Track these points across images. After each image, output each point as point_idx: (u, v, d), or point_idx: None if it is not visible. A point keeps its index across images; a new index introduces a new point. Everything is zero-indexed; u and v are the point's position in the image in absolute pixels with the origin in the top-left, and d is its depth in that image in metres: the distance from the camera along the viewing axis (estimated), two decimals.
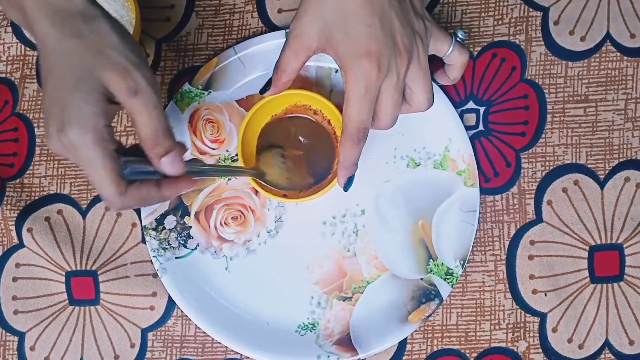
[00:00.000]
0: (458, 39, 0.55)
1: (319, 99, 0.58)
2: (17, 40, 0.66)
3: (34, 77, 0.65)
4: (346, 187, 0.56)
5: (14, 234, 0.63)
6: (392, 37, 0.50)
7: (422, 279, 0.61)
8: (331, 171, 0.60)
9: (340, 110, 0.53)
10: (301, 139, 0.60)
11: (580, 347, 0.60)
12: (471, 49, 0.63)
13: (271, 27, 0.64)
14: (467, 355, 0.61)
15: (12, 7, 0.48)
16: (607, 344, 0.60)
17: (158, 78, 0.65)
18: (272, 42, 0.63)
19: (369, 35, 0.49)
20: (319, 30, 0.51)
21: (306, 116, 0.61)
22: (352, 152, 0.53)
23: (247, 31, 0.64)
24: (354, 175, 0.55)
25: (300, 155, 0.60)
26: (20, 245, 0.63)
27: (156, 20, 0.65)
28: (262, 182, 0.58)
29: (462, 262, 0.60)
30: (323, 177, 0.60)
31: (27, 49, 0.66)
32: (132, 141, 0.64)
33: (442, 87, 0.62)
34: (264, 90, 0.56)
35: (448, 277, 0.60)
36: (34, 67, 0.66)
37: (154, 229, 0.62)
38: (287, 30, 0.62)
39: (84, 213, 0.64)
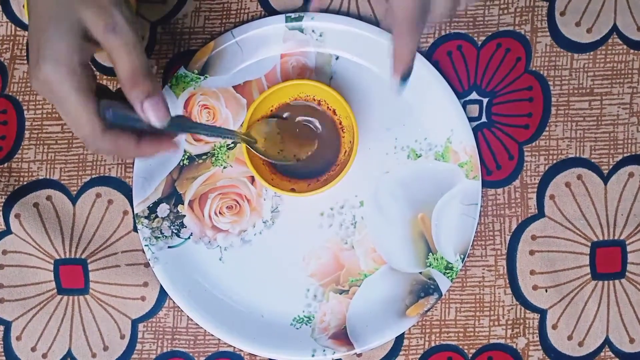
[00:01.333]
0: None
1: (322, 87, 0.57)
2: (8, 20, 0.64)
3: (24, 58, 0.63)
4: (402, 86, 0.46)
5: (1, 220, 0.61)
6: None
7: (421, 272, 0.59)
8: (337, 162, 0.58)
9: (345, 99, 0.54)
10: (303, 120, 0.59)
11: (580, 344, 0.59)
12: (475, 39, 0.61)
13: (270, 11, 0.63)
14: (466, 351, 0.60)
15: None
16: (607, 342, 0.59)
17: (153, 62, 0.63)
18: (271, 27, 0.61)
19: None
20: None
21: (311, 104, 0.59)
22: (409, 35, 0.44)
23: (246, 15, 0.63)
24: (410, 74, 0.46)
25: (297, 127, 0.59)
26: (8, 231, 0.61)
27: (151, 2, 0.63)
28: (255, 154, 0.57)
29: (462, 256, 0.59)
30: (328, 168, 0.59)
31: (18, 28, 0.64)
32: None
33: (445, 76, 0.60)
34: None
35: (447, 271, 0.59)
36: (25, 47, 0.63)
37: (146, 217, 0.60)
38: (287, 14, 0.61)
39: (74, 199, 0.62)
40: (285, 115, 0.60)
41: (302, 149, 0.59)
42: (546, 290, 0.59)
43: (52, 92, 0.45)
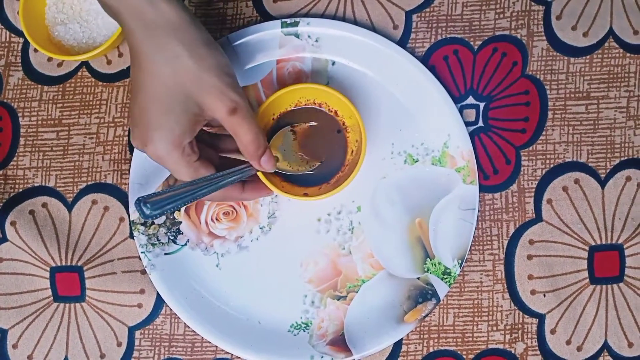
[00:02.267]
0: None
1: (323, 89, 0.57)
2: (2, 27, 0.64)
3: (19, 64, 0.63)
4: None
5: None
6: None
7: (418, 278, 0.59)
8: (346, 163, 0.58)
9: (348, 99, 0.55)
10: (312, 123, 0.59)
11: (579, 349, 0.59)
12: (472, 43, 0.61)
13: (266, 17, 0.62)
14: (464, 356, 0.59)
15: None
16: (606, 346, 0.59)
17: None
18: (267, 32, 0.61)
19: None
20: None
21: (313, 107, 0.59)
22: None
23: (242, 20, 0.63)
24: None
25: (310, 128, 0.59)
26: (4, 239, 0.61)
27: None
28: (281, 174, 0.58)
29: (459, 261, 0.58)
30: (337, 169, 0.58)
31: (12, 35, 0.63)
32: (120, 132, 0.62)
33: (441, 81, 0.60)
34: None
35: (445, 276, 0.59)
36: (19, 54, 0.63)
37: (142, 224, 0.60)
38: (283, 20, 0.61)
39: (69, 207, 0.61)
40: (292, 122, 0.59)
41: (318, 154, 0.59)
42: (544, 295, 0.59)
43: (163, 164, 0.50)
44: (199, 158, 0.51)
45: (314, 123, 0.59)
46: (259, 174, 0.55)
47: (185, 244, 0.60)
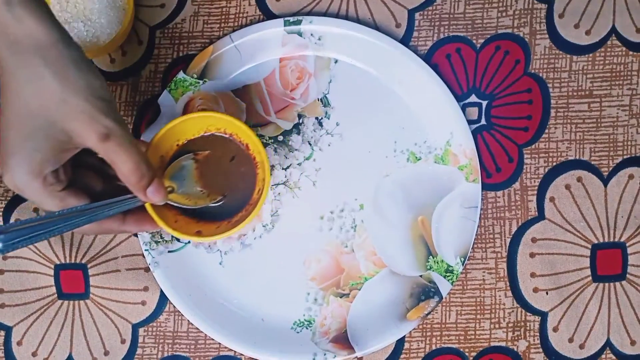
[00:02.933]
0: None
1: (231, 121, 0.53)
2: None
3: None
4: None
5: (1, 225, 0.61)
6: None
7: (421, 276, 0.59)
8: (251, 202, 0.54)
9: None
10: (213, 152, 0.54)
11: (581, 347, 0.59)
12: (474, 41, 0.61)
13: (269, 15, 0.63)
14: (467, 354, 0.59)
15: None
16: (608, 344, 0.59)
17: (151, 66, 0.63)
18: (270, 31, 0.61)
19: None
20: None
21: (223, 135, 0.55)
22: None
23: (244, 19, 0.63)
24: None
25: (215, 158, 0.54)
26: None
27: (150, 6, 0.63)
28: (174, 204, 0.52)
29: (462, 259, 0.59)
30: (241, 207, 0.54)
31: None
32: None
33: (444, 79, 0.60)
34: None
35: (448, 274, 0.59)
36: None
37: None
38: (286, 18, 0.61)
39: None
40: (197, 150, 0.54)
41: (220, 187, 0.54)
42: (547, 293, 0.59)
43: (18, 191, 0.46)
44: (68, 187, 0.47)
45: (218, 153, 0.54)
46: (147, 206, 0.50)
47: (189, 242, 0.61)
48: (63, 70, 0.43)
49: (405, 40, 0.62)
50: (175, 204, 0.52)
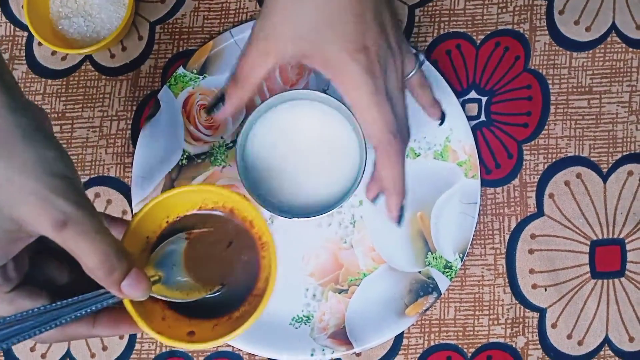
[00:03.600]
0: (421, 63, 0.50)
1: (235, 197, 0.44)
2: (7, 20, 0.64)
3: (23, 58, 0.63)
4: (400, 220, 0.49)
5: None
6: (385, 35, 0.44)
7: (420, 272, 0.59)
8: (255, 292, 0.45)
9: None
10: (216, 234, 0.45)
11: (580, 343, 0.59)
12: (474, 37, 0.61)
13: None
14: (465, 350, 0.59)
15: None
16: (607, 341, 0.59)
17: (151, 61, 0.63)
18: None
19: (362, 30, 0.43)
20: (294, 32, 0.43)
21: (222, 213, 0.46)
22: (395, 167, 0.46)
23: (244, 14, 0.63)
24: (404, 204, 0.48)
25: (210, 237, 0.45)
26: None
27: (151, 1, 0.63)
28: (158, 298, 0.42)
29: (461, 255, 0.58)
30: (242, 299, 0.45)
31: (17, 29, 0.64)
32: (123, 126, 0.62)
33: (444, 75, 0.60)
34: (211, 109, 0.48)
35: (447, 270, 0.59)
36: (24, 47, 0.64)
37: None
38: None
39: None
40: (190, 229, 0.45)
41: (217, 275, 0.45)
42: (545, 289, 0.59)
43: None
44: (22, 285, 0.39)
45: (216, 233, 0.45)
46: (125, 302, 0.41)
47: None
48: (6, 143, 0.35)
49: (405, 36, 0.61)
50: (162, 298, 0.42)
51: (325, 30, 0.43)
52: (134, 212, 0.60)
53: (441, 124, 0.55)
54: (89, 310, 0.39)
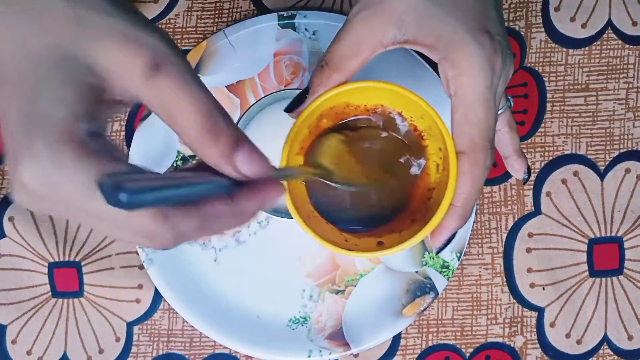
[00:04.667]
0: (509, 105, 0.44)
1: (397, 90, 0.39)
2: None
3: None
4: (440, 249, 0.42)
5: None
6: (504, 29, 0.39)
7: (417, 272, 0.59)
8: (431, 186, 0.42)
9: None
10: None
11: (579, 342, 0.59)
12: None
13: (263, 10, 0.62)
14: (463, 350, 0.59)
15: None
16: (605, 339, 0.59)
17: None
18: (264, 25, 0.60)
19: (484, 11, 0.36)
20: (403, 11, 0.36)
21: (370, 124, 0.42)
22: (475, 184, 0.38)
23: (238, 14, 0.62)
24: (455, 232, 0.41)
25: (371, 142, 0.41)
26: (2, 235, 0.61)
27: (143, 1, 0.63)
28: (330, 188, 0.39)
29: (458, 254, 0.58)
30: (405, 201, 0.43)
31: None
32: (117, 127, 0.62)
33: (435, 71, 0.60)
34: (293, 107, 0.41)
35: (444, 270, 0.58)
36: None
37: None
38: (280, 13, 0.60)
39: None
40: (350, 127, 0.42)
41: (381, 173, 0.42)
42: (543, 288, 0.59)
43: (60, 199, 0.27)
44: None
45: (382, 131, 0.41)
46: (288, 201, 0.36)
47: None
48: None
49: None
50: (321, 179, 0.37)
51: (438, 9, 0.36)
52: None
53: (526, 180, 0.48)
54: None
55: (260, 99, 0.53)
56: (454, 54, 0.37)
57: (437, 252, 0.41)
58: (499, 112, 0.42)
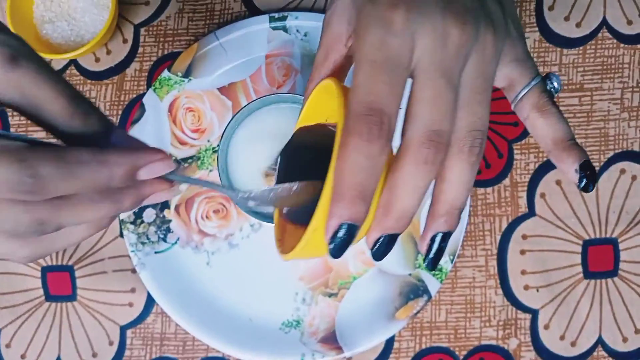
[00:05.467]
0: (551, 87, 0.38)
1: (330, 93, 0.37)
2: None
3: None
4: (377, 253, 0.33)
5: None
6: None
7: (410, 274, 0.59)
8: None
9: None
10: None
11: (573, 344, 0.58)
12: None
13: (254, 11, 0.62)
14: (457, 353, 0.59)
15: None
16: (600, 341, 0.58)
17: (136, 65, 0.62)
18: (255, 27, 0.60)
19: None
20: (350, 2, 0.35)
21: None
22: (410, 178, 0.32)
23: (230, 15, 0.62)
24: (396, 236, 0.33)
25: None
26: None
27: (135, 3, 0.63)
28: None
29: (451, 257, 0.58)
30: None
31: None
32: None
33: None
34: None
35: (437, 272, 0.58)
36: None
37: (132, 223, 0.60)
38: (271, 14, 0.60)
39: None
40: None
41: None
42: (537, 290, 0.59)
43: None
44: None
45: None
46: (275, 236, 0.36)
47: (176, 242, 0.60)
48: None
49: None
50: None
51: None
52: (121, 218, 0.60)
53: (584, 186, 0.37)
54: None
55: (249, 103, 0.53)
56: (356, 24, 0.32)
57: (426, 265, 0.35)
58: (522, 92, 0.37)
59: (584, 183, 0.37)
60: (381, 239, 0.33)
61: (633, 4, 0.60)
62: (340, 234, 0.31)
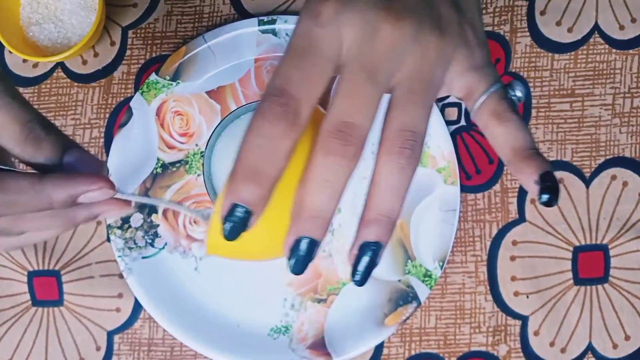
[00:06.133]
0: (512, 95, 0.35)
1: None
2: None
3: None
4: (295, 266, 0.31)
5: None
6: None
7: (399, 280, 0.58)
8: None
9: None
10: None
11: (563, 350, 0.58)
12: None
13: (243, 14, 0.61)
14: (446, 359, 0.58)
15: None
16: (590, 348, 0.58)
17: (124, 67, 0.61)
18: (245, 30, 0.59)
19: None
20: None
21: None
22: (318, 171, 0.31)
23: (218, 18, 0.61)
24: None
25: None
26: None
27: (122, 6, 0.62)
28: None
29: (441, 263, 0.57)
30: None
31: None
32: (96, 134, 0.61)
33: None
34: None
35: (426, 278, 0.58)
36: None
37: (119, 228, 0.59)
38: (260, 18, 0.59)
39: None
40: None
41: None
42: (527, 297, 0.58)
43: None
44: None
45: None
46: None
47: (163, 247, 0.59)
48: None
49: None
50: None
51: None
52: (108, 223, 0.59)
53: (547, 200, 0.33)
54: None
55: (236, 109, 0.52)
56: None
57: (353, 281, 0.33)
58: (481, 98, 0.35)
59: (544, 197, 0.33)
60: (300, 245, 0.31)
61: (625, 9, 0.59)
62: (235, 215, 0.30)
